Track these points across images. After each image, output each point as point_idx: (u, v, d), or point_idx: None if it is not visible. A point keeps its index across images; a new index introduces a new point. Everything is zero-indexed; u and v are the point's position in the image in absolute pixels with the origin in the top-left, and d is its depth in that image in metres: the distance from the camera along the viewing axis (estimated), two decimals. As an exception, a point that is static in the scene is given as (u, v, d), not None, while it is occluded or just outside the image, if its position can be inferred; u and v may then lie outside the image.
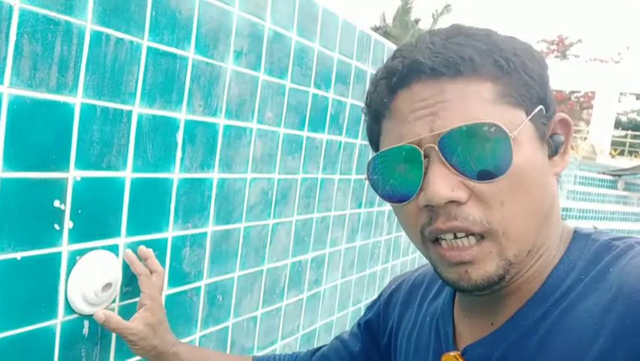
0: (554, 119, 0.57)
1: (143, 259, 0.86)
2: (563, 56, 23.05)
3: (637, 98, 26.39)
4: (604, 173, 11.31)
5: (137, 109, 0.84)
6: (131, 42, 0.80)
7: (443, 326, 0.66)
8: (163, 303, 0.86)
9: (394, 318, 0.78)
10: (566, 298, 0.53)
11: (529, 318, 0.55)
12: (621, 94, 18.75)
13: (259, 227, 1.19)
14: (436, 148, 0.52)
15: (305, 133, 1.29)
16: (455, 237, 0.53)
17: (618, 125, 21.14)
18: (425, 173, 0.53)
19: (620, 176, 11.42)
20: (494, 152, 0.51)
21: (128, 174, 0.84)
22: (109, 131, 0.80)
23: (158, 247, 0.92)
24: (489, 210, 0.51)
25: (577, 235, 0.59)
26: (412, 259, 2.15)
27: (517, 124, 0.52)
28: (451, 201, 0.51)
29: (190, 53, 0.91)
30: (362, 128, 1.55)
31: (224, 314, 1.12)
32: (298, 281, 1.38)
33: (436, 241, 0.55)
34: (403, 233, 2.03)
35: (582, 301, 0.52)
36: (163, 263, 0.94)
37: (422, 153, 0.53)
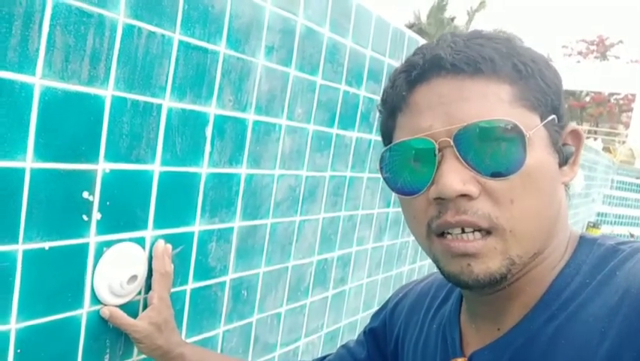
0: (566, 130, 0.57)
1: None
2: (603, 56, 22.47)
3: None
4: (642, 178, 11.00)
5: (167, 103, 0.84)
6: (163, 36, 0.80)
7: (450, 332, 0.66)
8: (170, 303, 0.86)
9: (400, 326, 0.78)
10: (572, 302, 0.53)
11: (536, 322, 0.55)
12: (663, 97, 18.15)
13: (286, 224, 1.18)
14: (451, 143, 0.52)
15: (335, 130, 1.28)
16: (463, 231, 0.53)
17: (659, 129, 20.47)
18: (438, 167, 0.53)
19: (659, 182, 11.09)
20: (509, 150, 0.52)
21: (156, 168, 0.84)
22: (138, 125, 0.80)
23: (184, 240, 0.92)
24: (498, 207, 0.52)
25: (583, 240, 0.58)
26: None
27: (532, 127, 0.53)
28: (462, 196, 0.52)
29: (221, 48, 0.91)
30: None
31: (248, 310, 1.12)
32: (323, 279, 1.37)
33: (442, 235, 0.55)
34: (431, 234, 2.00)
35: (588, 304, 0.51)
36: (189, 257, 0.94)
37: (437, 146, 0.53)
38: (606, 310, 0.49)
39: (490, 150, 0.52)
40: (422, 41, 1.60)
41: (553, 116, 0.55)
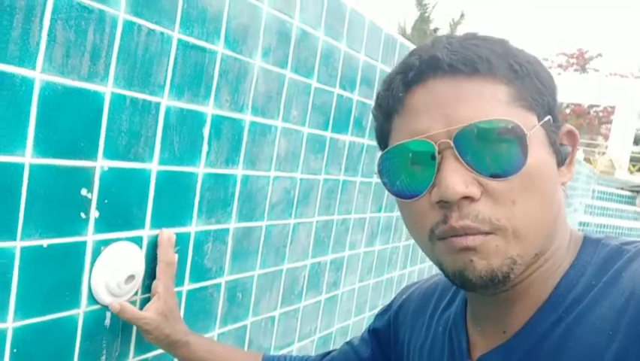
0: (562, 130, 0.58)
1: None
2: (583, 69, 22.86)
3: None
4: (622, 188, 11.16)
5: (166, 101, 0.83)
6: (162, 34, 0.80)
7: (456, 335, 0.65)
8: (174, 292, 0.86)
9: (406, 328, 0.77)
10: (578, 304, 0.52)
11: (542, 325, 0.54)
12: (641, 109, 18.51)
13: (280, 226, 1.18)
14: (451, 144, 0.52)
15: (329, 134, 1.28)
16: (465, 234, 0.52)
17: (638, 141, 20.87)
18: (438, 169, 0.53)
19: (638, 192, 11.26)
20: (509, 150, 0.51)
21: (154, 166, 0.84)
22: (137, 123, 0.79)
23: (181, 241, 0.91)
24: (500, 208, 0.51)
25: (586, 241, 0.58)
26: (429, 266, 2.13)
27: (531, 127, 0.53)
28: (464, 198, 0.51)
29: (219, 48, 0.91)
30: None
31: (243, 312, 1.11)
32: (317, 283, 1.37)
33: (444, 238, 0.54)
34: (421, 240, 2.01)
35: (595, 306, 0.51)
36: (185, 258, 0.93)
37: (436, 148, 0.52)
38: (613, 312, 0.49)
39: (490, 151, 0.51)
40: (413, 47, 1.62)
41: (550, 116, 0.55)
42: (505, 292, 0.56)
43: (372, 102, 1.45)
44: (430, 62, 0.54)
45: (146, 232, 0.85)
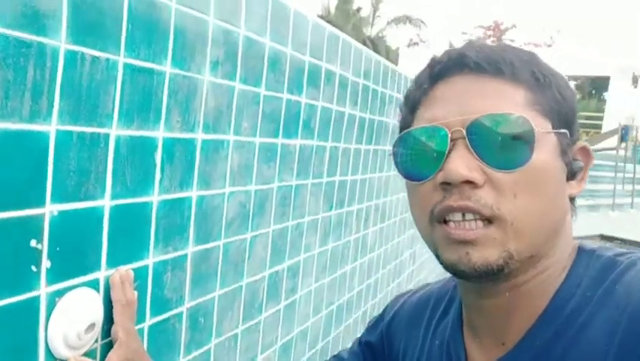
0: (576, 146, 0.59)
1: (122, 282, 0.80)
2: (499, 40, 23.72)
3: (568, 80, 27.57)
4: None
5: (115, 131, 0.77)
6: (107, 60, 0.73)
7: (454, 348, 0.65)
8: (137, 332, 0.81)
9: (401, 338, 0.76)
10: (576, 317, 0.53)
11: (542, 338, 0.55)
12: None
13: (238, 242, 1.13)
14: (464, 133, 0.54)
15: (280, 140, 1.24)
16: (464, 218, 0.53)
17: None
18: (447, 155, 0.54)
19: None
20: (516, 144, 0.53)
21: (106, 203, 0.77)
22: (86, 159, 0.73)
23: (139, 275, 0.85)
24: (501, 199, 0.52)
25: (581, 251, 0.59)
26: (377, 255, 2.15)
27: (542, 128, 0.55)
28: (468, 183, 0.53)
29: (167, 67, 0.85)
30: (332, 129, 1.52)
31: (206, 336, 1.07)
32: (275, 292, 1.34)
33: (444, 222, 0.55)
34: (370, 230, 2.02)
35: (593, 319, 0.52)
36: (145, 292, 0.88)
37: (449, 135, 0.54)
38: (610, 326, 0.50)
39: (498, 143, 0.53)
40: (355, 43, 1.60)
41: (566, 130, 0.56)
42: (503, 300, 0.57)
43: (319, 103, 1.42)
44: (458, 59, 0.57)
45: (103, 274, 0.78)
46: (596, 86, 27.06)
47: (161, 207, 0.89)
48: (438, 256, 0.57)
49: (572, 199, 0.60)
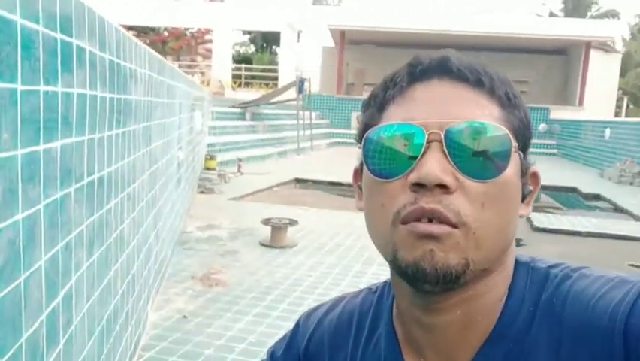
0: (529, 171, 0.60)
1: None
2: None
3: (243, 34, 29.36)
4: (233, 106, 12.32)
5: None
6: None
7: None
8: None
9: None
10: (524, 336, 0.55)
11: (493, 358, 0.55)
12: (232, 30, 20.45)
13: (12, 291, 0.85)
14: (442, 136, 0.53)
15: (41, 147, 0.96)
16: (430, 222, 0.52)
17: (234, 59, 23.09)
18: (422, 156, 0.53)
19: (246, 107, 12.64)
20: (492, 155, 0.53)
21: None
22: None
23: None
24: (469, 207, 0.52)
25: (518, 264, 0.61)
26: (133, 247, 1.94)
27: (513, 145, 0.55)
28: (440, 186, 0.52)
29: None
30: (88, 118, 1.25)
31: None
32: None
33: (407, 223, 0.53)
34: (126, 223, 1.79)
35: (539, 337, 0.54)
36: None
37: (426, 136, 0.53)
38: (554, 344, 0.53)
39: (474, 151, 0.53)
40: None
41: (522, 153, 0.57)
42: (446, 313, 0.56)
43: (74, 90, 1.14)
44: (440, 63, 0.56)
45: None
46: (268, 40, 29.33)
47: None
48: (395, 259, 0.54)
49: None
